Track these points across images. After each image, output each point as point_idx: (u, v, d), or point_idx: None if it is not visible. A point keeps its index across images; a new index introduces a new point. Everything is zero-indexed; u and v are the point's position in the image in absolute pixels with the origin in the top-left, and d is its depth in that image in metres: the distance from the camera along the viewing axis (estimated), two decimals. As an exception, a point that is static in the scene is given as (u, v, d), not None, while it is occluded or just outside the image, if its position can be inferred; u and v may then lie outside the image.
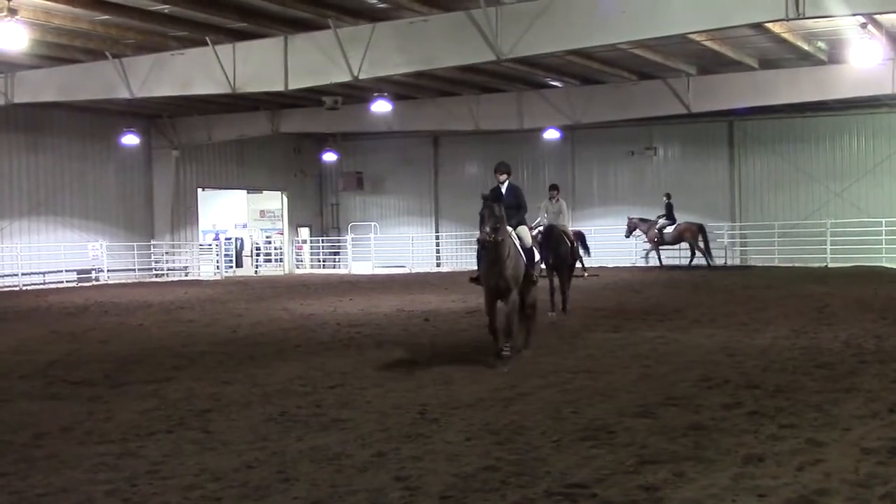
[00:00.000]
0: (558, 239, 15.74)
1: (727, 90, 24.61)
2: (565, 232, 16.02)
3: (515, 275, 10.50)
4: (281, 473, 6.12)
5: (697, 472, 5.87)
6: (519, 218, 11.02)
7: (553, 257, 15.57)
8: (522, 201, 11.19)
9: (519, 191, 11.27)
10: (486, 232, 10.10)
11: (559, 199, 16.26)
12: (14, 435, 7.49)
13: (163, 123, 31.47)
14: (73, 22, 18.50)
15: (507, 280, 10.42)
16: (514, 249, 10.54)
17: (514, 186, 11.25)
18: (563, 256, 15.78)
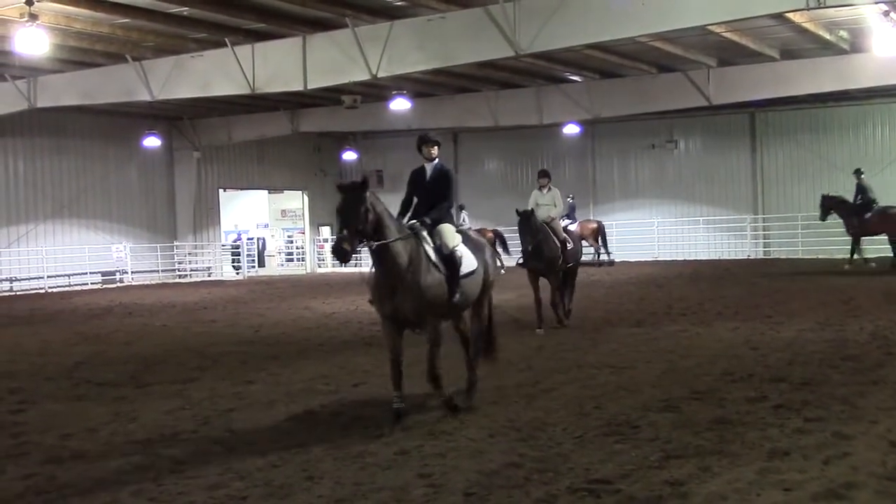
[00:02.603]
0: (538, 233, 13.22)
1: (748, 82, 24.40)
2: (551, 226, 13.57)
3: (424, 297, 7.55)
4: (305, 472, 6.14)
5: (722, 467, 5.83)
6: (438, 213, 8.13)
7: (532, 258, 13.29)
8: (447, 191, 8.35)
9: (446, 176, 8.38)
10: (342, 239, 7.20)
11: (551, 187, 13.99)
12: (41, 435, 7.57)
13: (184, 125, 31.66)
14: (94, 26, 18.63)
15: (410, 308, 7.55)
16: (420, 260, 7.65)
17: (443, 170, 8.42)
18: (547, 257, 13.29)
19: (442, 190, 8.33)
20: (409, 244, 7.65)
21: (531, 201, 13.74)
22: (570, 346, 11.52)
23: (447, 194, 8.35)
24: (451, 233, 8.11)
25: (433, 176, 8.35)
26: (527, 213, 13.28)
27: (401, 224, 7.84)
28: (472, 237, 8.65)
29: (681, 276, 22.74)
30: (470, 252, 8.19)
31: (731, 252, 30.44)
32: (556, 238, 13.52)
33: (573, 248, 13.96)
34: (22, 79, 22.73)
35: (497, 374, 9.59)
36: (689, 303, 16.18)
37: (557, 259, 13.45)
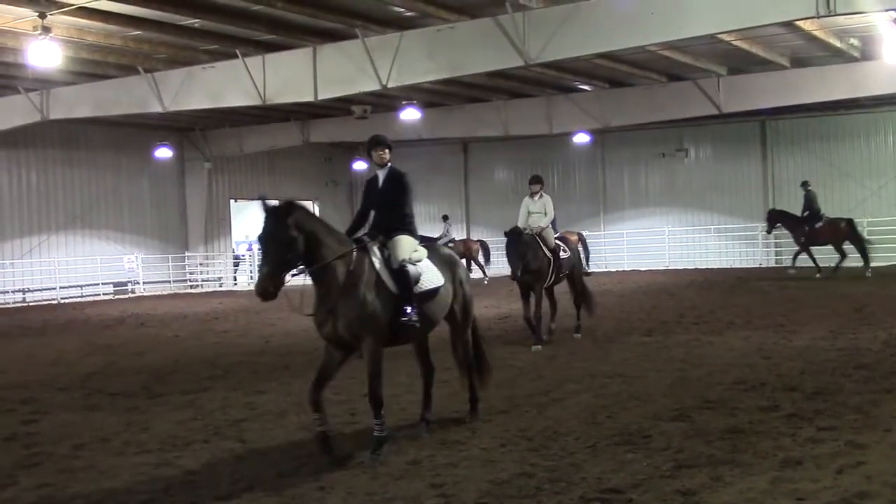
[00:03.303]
0: (528, 247, 12.62)
1: (758, 90, 24.38)
2: (541, 236, 12.86)
3: (363, 315, 6.73)
4: (317, 482, 6.14)
5: (735, 476, 5.81)
6: (391, 223, 7.36)
7: (522, 271, 12.61)
8: (402, 198, 7.50)
9: (399, 181, 7.54)
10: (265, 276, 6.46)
11: (542, 194, 13.21)
12: (54, 446, 7.59)
13: (195, 136, 31.82)
14: (106, 38, 18.78)
15: (345, 327, 6.72)
16: (363, 276, 6.83)
17: (396, 173, 7.58)
18: (534, 268, 12.62)
19: (395, 197, 7.48)
20: (353, 260, 6.86)
21: (522, 209, 13.11)
22: (581, 356, 11.49)
23: (402, 201, 7.50)
24: (406, 245, 7.23)
25: (385, 182, 7.56)
26: (515, 233, 12.64)
27: (343, 238, 7.01)
28: (441, 251, 7.86)
29: (692, 285, 22.68)
30: (434, 267, 7.37)
31: (743, 260, 30.37)
32: (545, 248, 12.80)
33: (568, 258, 13.23)
34: (35, 91, 22.90)
35: (508, 384, 9.58)
36: (700, 311, 16.13)
37: (546, 270, 12.72)
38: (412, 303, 7.03)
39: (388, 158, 7.65)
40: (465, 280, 7.86)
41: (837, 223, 23.18)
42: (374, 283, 6.91)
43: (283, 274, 6.61)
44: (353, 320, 6.74)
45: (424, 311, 7.19)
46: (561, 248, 13.14)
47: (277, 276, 6.53)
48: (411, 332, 7.15)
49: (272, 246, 6.52)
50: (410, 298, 7.04)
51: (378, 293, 6.89)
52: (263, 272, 6.53)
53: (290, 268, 6.68)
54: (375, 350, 6.87)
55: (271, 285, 6.48)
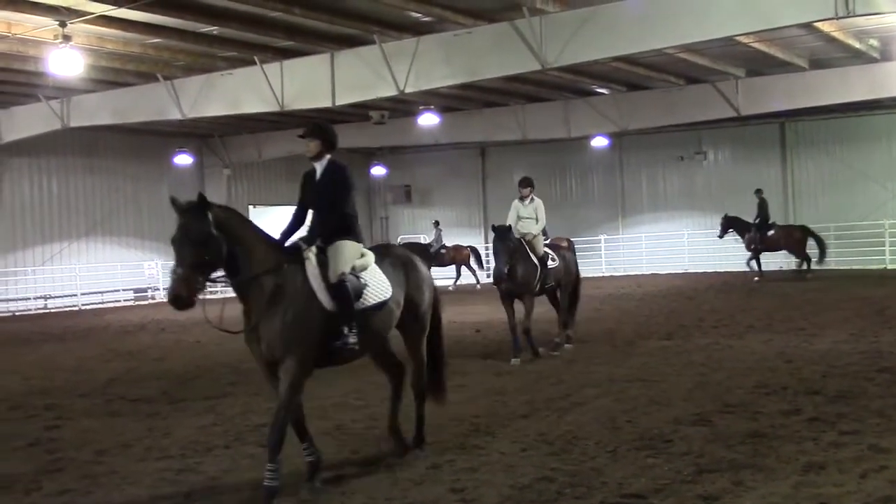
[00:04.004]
0: (515, 253, 11.73)
1: (777, 92, 24.24)
2: (530, 243, 12.04)
3: (293, 336, 5.95)
4: (338, 487, 6.16)
5: (757, 481, 5.77)
6: (330, 226, 6.47)
7: (506, 280, 11.67)
8: (342, 195, 6.57)
9: (339, 176, 6.61)
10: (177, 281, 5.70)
11: (534, 197, 12.40)
12: (76, 452, 7.65)
13: (214, 143, 31.99)
14: (126, 46, 18.94)
15: (276, 351, 5.96)
16: (295, 292, 6.04)
17: (335, 167, 6.65)
18: (521, 277, 11.71)
19: (335, 194, 6.51)
20: (283, 273, 6.01)
21: (511, 213, 12.30)
22: (601, 360, 11.46)
23: (343, 199, 6.54)
24: (347, 253, 6.37)
25: (323, 177, 6.61)
26: (503, 230, 11.78)
27: (275, 246, 6.20)
28: (394, 252, 7.09)
29: (711, 288, 22.57)
30: (382, 277, 6.55)
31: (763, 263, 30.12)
32: (533, 256, 11.94)
33: (556, 267, 12.31)
34: (56, 99, 23.10)
35: (528, 389, 9.57)
36: (720, 315, 16.05)
37: (533, 279, 11.85)
38: (351, 322, 6.17)
39: (320, 151, 6.65)
40: (422, 284, 6.94)
41: (791, 230, 24.19)
42: (304, 299, 6.03)
43: (200, 278, 5.75)
44: (274, 342, 5.90)
45: (368, 328, 6.39)
46: (549, 256, 12.29)
47: (192, 281, 5.67)
48: (350, 354, 6.35)
49: (187, 244, 5.72)
50: (349, 318, 6.17)
51: (307, 311, 6.01)
52: (176, 275, 5.67)
53: (208, 272, 5.83)
54: (294, 378, 5.93)
55: (184, 290, 5.63)
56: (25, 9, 15.59)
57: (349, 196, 6.64)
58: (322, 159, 6.68)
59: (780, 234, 24.12)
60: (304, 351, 6.01)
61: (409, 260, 7.05)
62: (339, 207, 6.54)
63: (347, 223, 6.56)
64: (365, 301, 6.37)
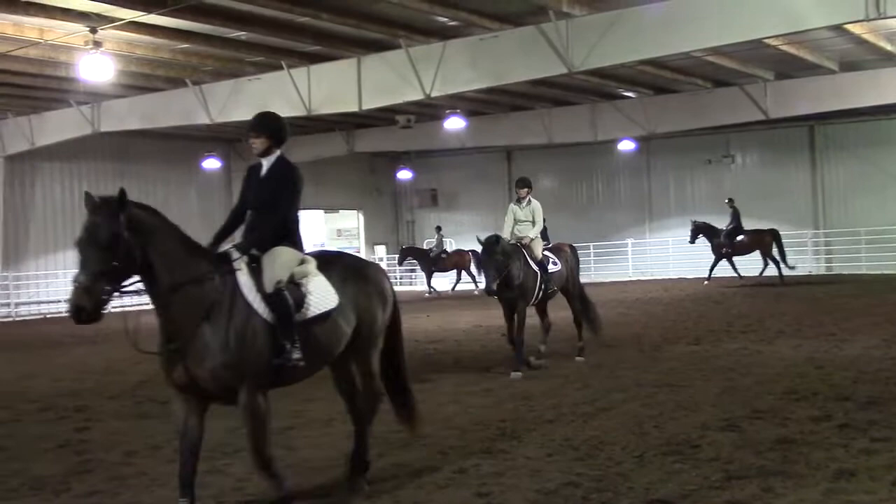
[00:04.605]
0: (511, 258, 11.03)
1: (807, 95, 24.04)
2: (527, 247, 11.40)
3: (230, 358, 5.28)
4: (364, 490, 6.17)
5: (787, 488, 5.71)
6: (267, 230, 5.83)
7: (503, 286, 10.97)
8: (287, 195, 5.91)
9: (284, 174, 5.97)
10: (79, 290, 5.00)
11: (531, 199, 11.84)
12: (106, 453, 7.72)
13: (242, 147, 32.16)
14: (155, 52, 19.14)
15: (206, 374, 5.27)
16: (226, 305, 5.39)
17: (283, 165, 6.02)
18: (519, 284, 11.04)
19: (276, 195, 5.86)
20: (214, 283, 5.37)
21: (508, 217, 11.80)
22: (628, 364, 11.40)
23: (287, 201, 5.87)
24: (284, 260, 5.70)
25: (268, 175, 5.98)
26: (490, 242, 11.02)
27: (203, 252, 5.53)
28: (346, 260, 6.34)
29: (739, 293, 22.38)
30: (327, 285, 5.84)
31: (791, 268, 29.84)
32: (532, 261, 11.30)
33: (559, 272, 11.75)
34: (86, 104, 23.39)
35: (554, 393, 9.53)
36: (748, 320, 15.91)
37: (532, 286, 11.20)
38: (293, 337, 5.50)
39: (267, 146, 6.00)
40: (374, 296, 6.22)
41: (762, 235, 24.78)
42: (243, 314, 5.37)
43: (107, 287, 5.04)
44: (219, 368, 5.21)
45: (313, 342, 5.68)
46: (550, 260, 11.73)
47: (96, 290, 4.97)
48: (295, 372, 5.65)
49: (92, 247, 5.01)
50: (290, 332, 5.50)
51: (250, 327, 5.36)
52: (78, 283, 4.96)
53: (117, 280, 5.11)
54: (254, 403, 5.37)
55: (87, 301, 4.95)
56: (57, 15, 15.80)
57: (295, 198, 5.94)
58: (270, 155, 6.01)
59: (750, 239, 24.78)
60: (257, 373, 5.37)
61: (363, 267, 6.36)
62: (282, 210, 5.86)
63: (288, 228, 5.90)
64: (307, 311, 5.65)
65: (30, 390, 11.28)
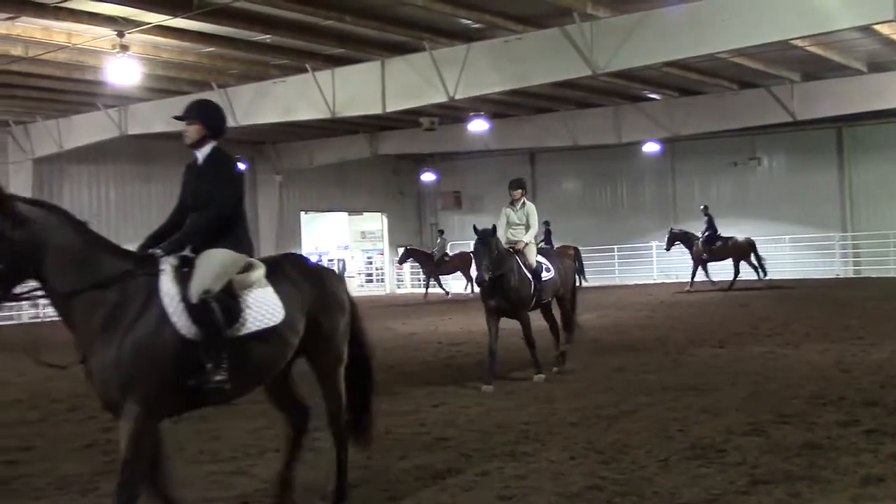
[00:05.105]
0: (501, 260, 10.45)
1: (834, 96, 23.81)
2: (521, 253, 10.81)
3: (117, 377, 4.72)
4: (386, 492, 6.17)
5: (814, 494, 5.65)
6: (201, 231, 5.24)
7: (493, 293, 10.46)
8: (223, 191, 5.32)
9: (220, 167, 5.42)
10: None
11: (525, 202, 11.25)
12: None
13: (266, 149, 32.41)
14: (181, 55, 19.29)
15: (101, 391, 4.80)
16: (141, 314, 4.81)
17: (219, 157, 5.46)
18: (514, 293, 10.53)
19: (212, 189, 5.28)
20: (127, 287, 4.82)
21: (501, 219, 11.20)
22: (652, 368, 11.33)
23: (224, 196, 5.29)
24: (216, 264, 5.10)
25: (203, 169, 5.43)
26: (485, 231, 10.50)
27: (115, 254, 4.95)
28: (302, 266, 5.78)
29: (765, 296, 22.20)
30: (273, 296, 5.29)
31: (819, 271, 29.58)
32: (525, 268, 10.70)
33: (552, 279, 11.10)
34: (113, 107, 23.61)
35: (577, 396, 9.50)
36: (774, 323, 15.78)
37: (527, 294, 10.66)
38: (218, 356, 4.89)
39: (201, 136, 5.42)
40: (333, 305, 5.70)
41: (738, 242, 25.27)
42: (151, 322, 4.79)
43: None
44: (108, 380, 4.70)
45: (247, 361, 5.12)
46: (544, 266, 11.05)
47: None
48: (219, 394, 5.05)
49: None
50: (216, 349, 4.89)
51: (154, 338, 4.77)
52: None
53: (4, 286, 4.65)
54: (139, 425, 4.74)
55: None
56: (85, 19, 15.96)
57: (232, 193, 5.34)
58: (204, 147, 5.44)
59: (727, 246, 25.28)
60: (147, 391, 4.74)
61: (318, 275, 5.76)
62: (218, 206, 5.25)
63: (229, 227, 5.28)
64: (242, 327, 5.08)
65: (57, 390, 11.38)
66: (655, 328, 16.01)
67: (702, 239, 25.45)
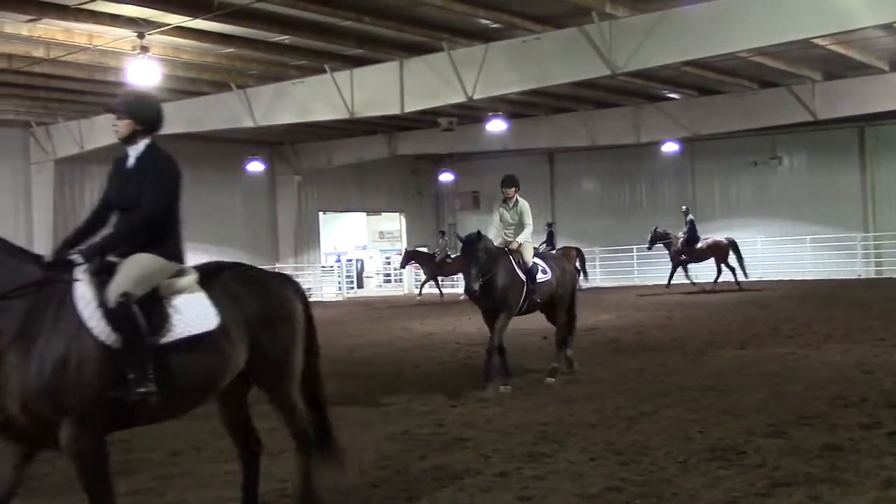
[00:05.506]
0: (490, 261, 10.11)
1: (856, 95, 23.62)
2: (516, 253, 10.41)
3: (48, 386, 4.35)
4: (405, 492, 6.17)
5: (834, 496, 5.60)
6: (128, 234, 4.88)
7: (483, 294, 10.06)
8: (155, 192, 4.89)
9: (157, 167, 4.98)
10: None
11: (518, 199, 10.76)
12: (151, 452, 7.81)
13: (285, 150, 32.52)
14: (200, 56, 19.39)
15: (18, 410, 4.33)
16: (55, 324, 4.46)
17: (157, 153, 5.04)
18: (501, 292, 10.13)
19: (142, 190, 4.84)
20: (38, 296, 4.46)
21: (494, 219, 10.88)
22: (671, 369, 11.28)
23: (156, 198, 4.85)
24: (139, 268, 4.74)
25: (135, 167, 4.98)
26: (471, 239, 10.17)
27: (22, 258, 4.61)
28: (250, 273, 5.38)
29: (786, 297, 22.04)
30: (206, 304, 4.89)
31: (840, 272, 29.35)
32: (519, 269, 10.30)
33: (547, 281, 10.63)
34: (134, 108, 23.72)
35: (596, 397, 9.46)
36: (795, 324, 15.65)
37: (516, 295, 10.24)
38: (141, 365, 4.51)
39: (132, 132, 5.02)
40: (286, 320, 5.29)
41: (718, 243, 25.62)
42: (68, 333, 4.42)
43: None
44: (31, 396, 4.29)
45: (177, 373, 4.71)
46: (539, 268, 10.60)
47: None
48: (151, 409, 4.64)
49: None
50: (135, 358, 4.50)
51: (74, 349, 4.40)
52: None
53: None
54: (79, 444, 4.41)
55: None
56: (105, 21, 16.08)
57: (166, 194, 4.91)
58: (136, 143, 5.02)
59: (708, 247, 25.60)
60: (84, 408, 4.38)
61: (263, 286, 5.32)
62: (148, 209, 4.82)
63: (158, 232, 4.89)
64: (169, 333, 4.70)
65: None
66: (674, 329, 15.93)
67: (682, 240, 25.67)
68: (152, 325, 4.65)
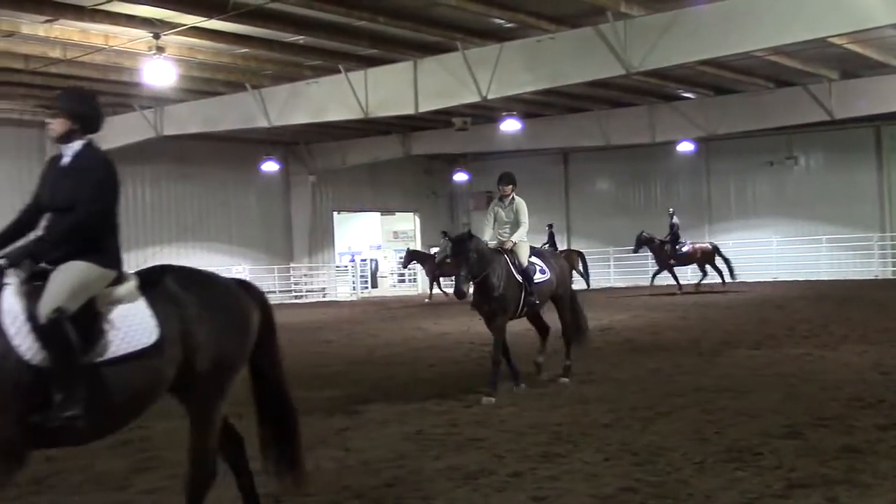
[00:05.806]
0: (483, 261, 9.67)
1: (873, 94, 23.47)
2: (511, 253, 10.03)
3: None
4: (419, 492, 6.16)
5: (852, 498, 5.56)
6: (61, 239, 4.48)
7: (476, 297, 9.85)
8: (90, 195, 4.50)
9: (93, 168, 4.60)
10: None
11: (514, 197, 10.33)
12: (167, 451, 7.83)
13: (300, 150, 32.61)
14: (216, 56, 19.47)
15: None
16: None
17: (93, 154, 4.68)
18: (496, 294, 9.69)
19: (76, 193, 4.50)
20: None
21: (489, 217, 10.46)
22: (686, 369, 11.23)
23: (90, 201, 4.49)
24: (73, 279, 4.34)
25: (67, 168, 4.63)
26: (460, 238, 9.88)
27: None
28: (190, 284, 4.80)
29: (802, 298, 21.92)
30: (146, 316, 4.50)
31: (857, 272, 29.18)
32: (515, 270, 9.91)
33: (546, 281, 10.30)
34: (149, 108, 23.88)
35: (611, 397, 9.43)
36: (812, 325, 15.57)
37: (514, 298, 9.85)
38: (72, 385, 4.16)
39: (68, 130, 4.64)
40: (234, 322, 4.95)
41: (705, 246, 26.28)
42: None
43: None
44: None
45: (110, 392, 4.35)
46: (537, 268, 10.26)
47: None
48: (75, 433, 4.30)
49: None
50: (67, 378, 4.15)
51: None
52: None
53: None
54: None
55: None
56: (122, 22, 16.17)
57: (101, 197, 4.54)
58: (71, 142, 4.65)
59: (693, 250, 26.09)
60: None
61: (209, 287, 4.91)
62: (83, 212, 4.46)
63: (93, 237, 4.49)
64: (103, 351, 4.33)
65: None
66: (689, 329, 15.87)
67: (668, 242, 26.06)
68: (86, 343, 4.27)
